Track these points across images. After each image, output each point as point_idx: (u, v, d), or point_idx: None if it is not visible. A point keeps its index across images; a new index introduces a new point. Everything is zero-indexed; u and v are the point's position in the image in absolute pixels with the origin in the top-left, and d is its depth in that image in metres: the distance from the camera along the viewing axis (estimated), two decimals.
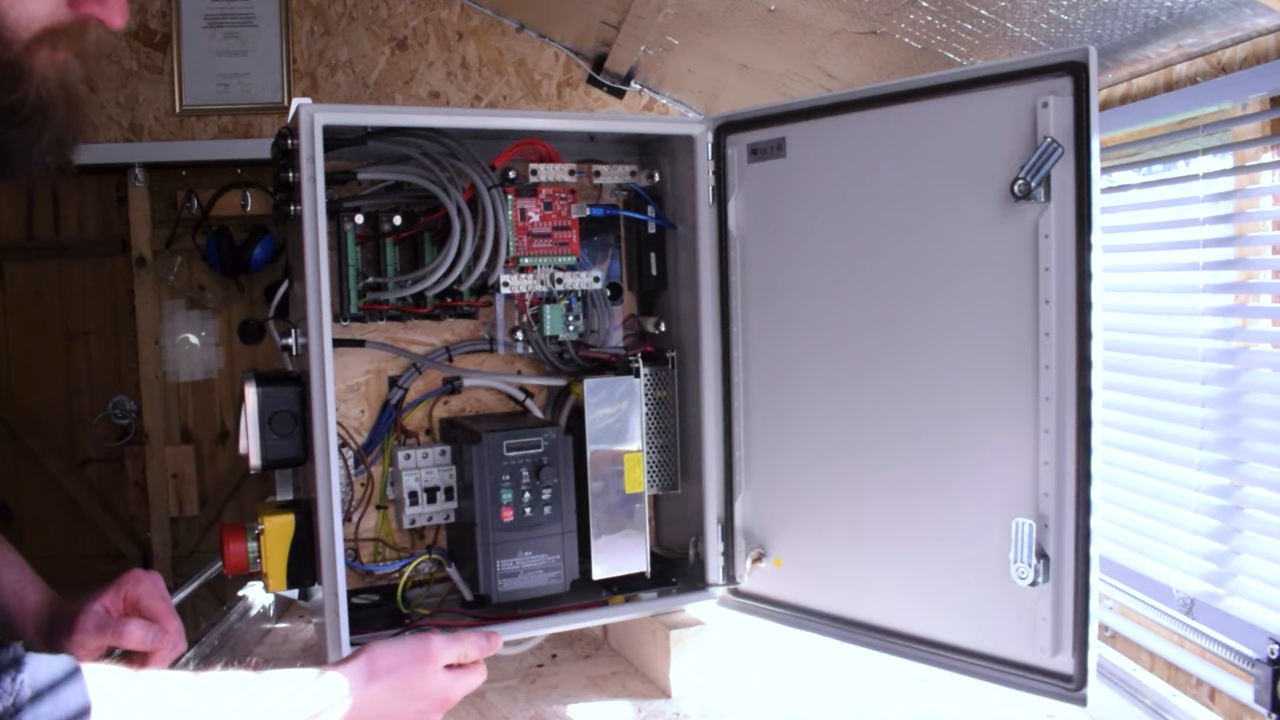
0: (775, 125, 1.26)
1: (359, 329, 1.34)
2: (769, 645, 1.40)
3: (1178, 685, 1.22)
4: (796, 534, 1.28)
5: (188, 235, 2.77)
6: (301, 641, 1.47)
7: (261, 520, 1.17)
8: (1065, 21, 1.31)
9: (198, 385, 2.89)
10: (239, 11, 2.68)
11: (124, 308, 2.82)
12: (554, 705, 1.25)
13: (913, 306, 1.14)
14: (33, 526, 2.84)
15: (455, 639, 1.01)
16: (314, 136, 1.08)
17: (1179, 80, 1.31)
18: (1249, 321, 1.29)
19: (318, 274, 1.08)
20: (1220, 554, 1.30)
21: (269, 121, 2.70)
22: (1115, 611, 1.43)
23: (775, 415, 1.29)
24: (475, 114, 1.22)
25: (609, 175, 1.38)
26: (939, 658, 1.13)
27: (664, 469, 1.39)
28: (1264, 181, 1.25)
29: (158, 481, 2.82)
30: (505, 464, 1.25)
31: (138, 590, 1.02)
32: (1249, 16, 1.14)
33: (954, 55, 1.56)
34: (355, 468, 1.33)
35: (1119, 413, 1.48)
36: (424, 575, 1.35)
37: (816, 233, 1.23)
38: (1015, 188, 1.01)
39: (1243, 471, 1.28)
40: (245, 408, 1.17)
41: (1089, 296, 0.98)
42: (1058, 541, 1.02)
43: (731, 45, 2.08)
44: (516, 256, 1.31)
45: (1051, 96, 1.00)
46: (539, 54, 2.75)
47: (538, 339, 1.34)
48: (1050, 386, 1.02)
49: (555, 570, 1.28)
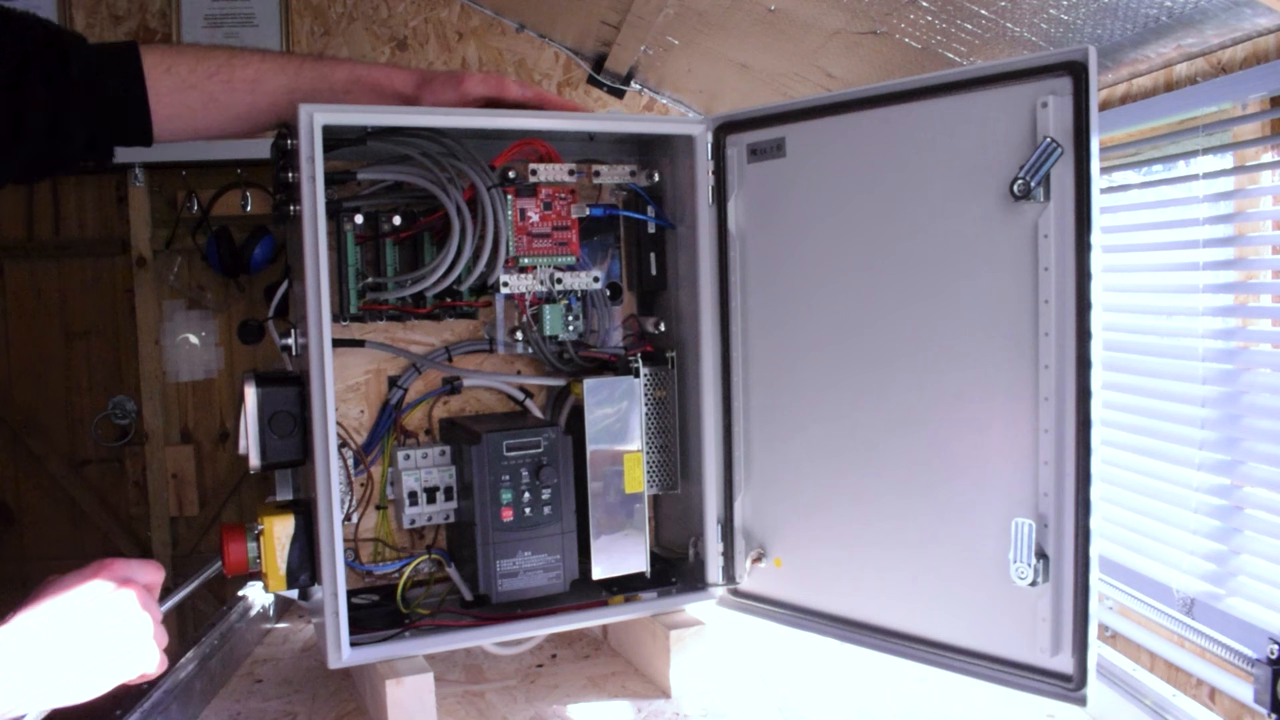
0: (775, 125, 1.26)
1: (359, 329, 1.34)
2: (769, 645, 1.40)
3: (1178, 685, 1.22)
4: (796, 534, 1.28)
5: (188, 235, 2.77)
6: (301, 641, 1.47)
7: (261, 520, 1.17)
8: (1065, 21, 1.31)
9: (198, 385, 2.89)
10: (239, 11, 2.68)
11: (124, 308, 2.82)
12: (554, 705, 1.25)
13: (912, 306, 1.14)
14: (33, 526, 2.84)
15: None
16: (313, 136, 1.08)
17: (1179, 80, 1.31)
18: (1249, 321, 1.29)
19: (317, 274, 1.08)
20: (1220, 554, 1.30)
21: None
22: (1115, 611, 1.43)
23: (775, 415, 1.29)
24: (475, 114, 1.22)
25: (609, 175, 1.38)
26: (939, 658, 1.14)
27: (664, 469, 1.39)
28: (1264, 181, 1.25)
29: (158, 481, 2.82)
30: (505, 464, 1.25)
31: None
32: (1249, 16, 1.14)
33: (954, 55, 1.56)
34: (355, 468, 1.33)
35: (1119, 413, 1.47)
36: (424, 575, 1.35)
37: (816, 233, 1.23)
38: (1015, 188, 1.01)
39: (1243, 471, 1.28)
40: (245, 408, 1.17)
41: (1089, 296, 0.98)
42: (1057, 541, 1.02)
43: (731, 45, 2.08)
44: (516, 256, 1.31)
45: (1051, 96, 1.00)
46: (539, 54, 2.75)
47: (537, 339, 1.34)
48: (1050, 386, 1.02)
49: (555, 570, 1.28)
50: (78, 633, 0.81)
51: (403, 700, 1.13)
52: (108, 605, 0.84)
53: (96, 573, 0.85)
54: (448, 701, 1.26)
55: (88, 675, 0.82)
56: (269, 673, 1.36)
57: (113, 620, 0.83)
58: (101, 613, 0.83)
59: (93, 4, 2.64)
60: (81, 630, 0.82)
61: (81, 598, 0.83)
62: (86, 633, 0.82)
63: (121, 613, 0.84)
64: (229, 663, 1.36)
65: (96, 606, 0.83)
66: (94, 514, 2.86)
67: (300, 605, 1.45)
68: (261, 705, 1.26)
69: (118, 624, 0.84)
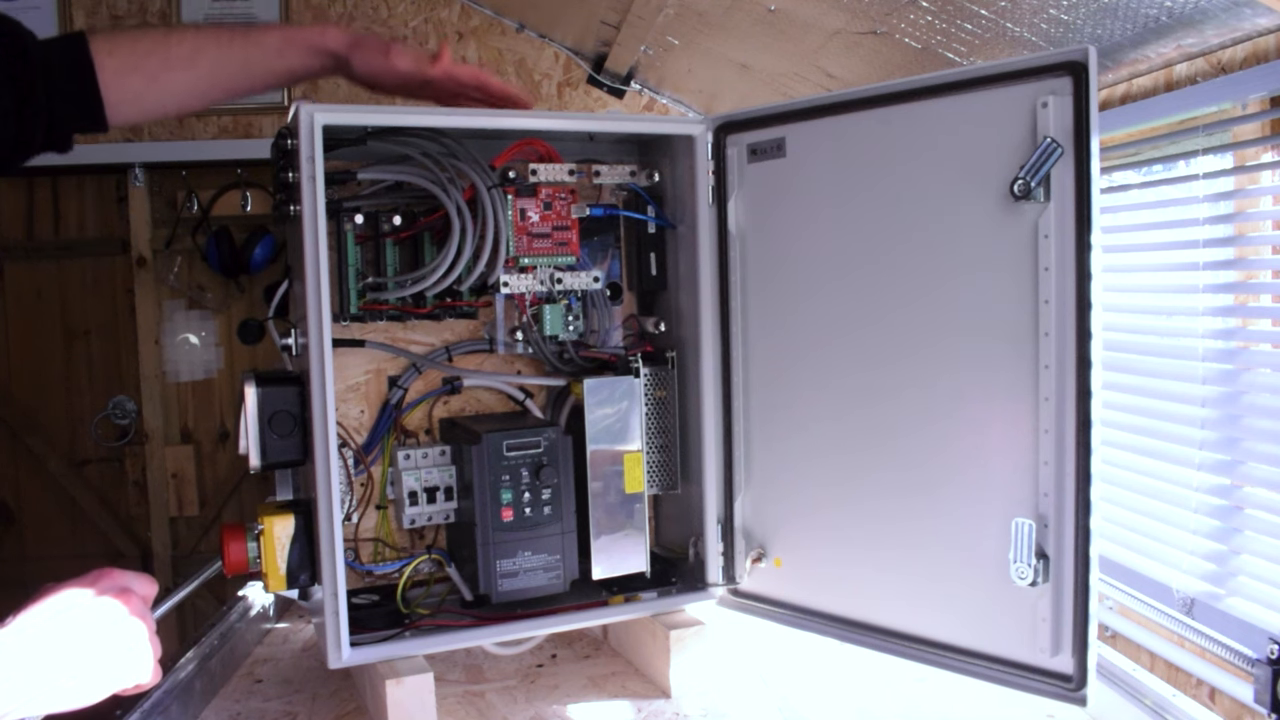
0: (775, 125, 1.26)
1: (359, 329, 1.34)
2: (769, 645, 1.40)
3: (1178, 685, 1.22)
4: (796, 534, 1.28)
5: (188, 235, 2.77)
6: (301, 641, 1.47)
7: (261, 520, 1.17)
8: (1065, 21, 1.31)
9: (198, 385, 2.89)
10: (239, 11, 2.68)
11: (124, 308, 2.82)
12: (554, 705, 1.25)
13: (913, 306, 1.14)
14: (33, 526, 2.84)
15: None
16: (314, 136, 1.08)
17: (1179, 80, 1.31)
18: (1249, 321, 1.29)
19: (317, 274, 1.08)
20: (1220, 554, 1.30)
21: (269, 121, 2.70)
22: (1115, 611, 1.42)
23: (775, 415, 1.29)
24: (475, 114, 1.22)
25: (609, 175, 1.38)
26: (939, 658, 1.14)
27: (664, 469, 1.39)
28: (1264, 181, 1.25)
29: (158, 481, 2.82)
30: (505, 464, 1.25)
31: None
32: (1249, 16, 1.14)
33: (954, 55, 1.56)
34: (355, 468, 1.33)
35: (1119, 413, 1.47)
36: (424, 575, 1.35)
37: (816, 233, 1.23)
38: (1015, 188, 1.01)
39: (1243, 471, 1.28)
40: (245, 408, 1.17)
41: (1089, 296, 0.98)
42: (1057, 541, 1.02)
43: (731, 45, 2.08)
44: (516, 256, 1.31)
45: (1051, 96, 1.00)
46: (539, 54, 2.75)
47: (537, 339, 1.34)
48: (1050, 386, 1.02)
49: (555, 570, 1.28)
50: (73, 637, 0.81)
51: (403, 700, 1.13)
52: (103, 611, 0.84)
53: (94, 581, 0.86)
54: (448, 701, 1.26)
55: (82, 681, 0.82)
56: (269, 673, 1.36)
57: (107, 626, 0.83)
58: (97, 618, 0.83)
59: (93, 4, 2.64)
60: (77, 635, 0.82)
61: (78, 603, 0.83)
62: (82, 638, 0.82)
63: (116, 619, 0.84)
64: (229, 663, 1.36)
65: (92, 612, 0.83)
66: (94, 514, 2.86)
67: (300, 605, 1.45)
68: (261, 705, 1.26)
69: (112, 630, 0.84)
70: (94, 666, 0.82)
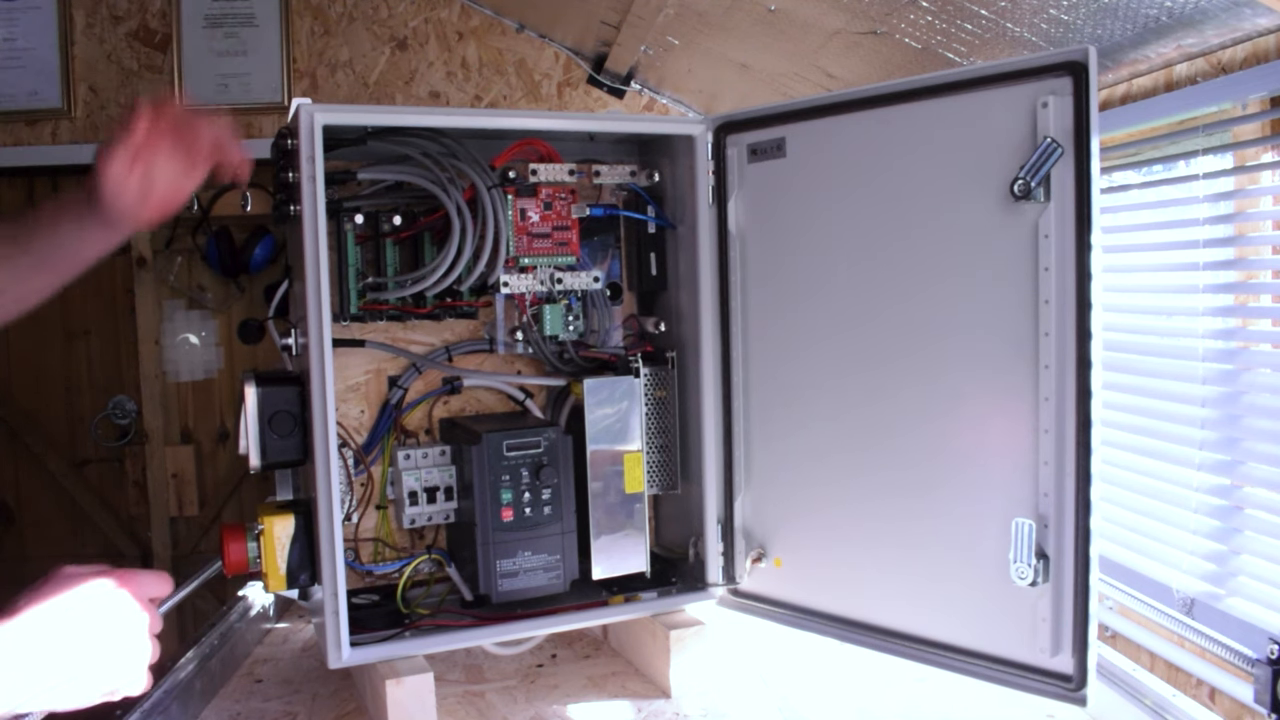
0: (775, 125, 1.26)
1: (359, 329, 1.34)
2: (769, 645, 1.40)
3: (1178, 685, 1.22)
4: (796, 534, 1.28)
5: (188, 235, 2.77)
6: (301, 641, 1.47)
7: (261, 520, 1.17)
8: (1065, 21, 1.31)
9: (198, 385, 2.89)
10: (239, 11, 2.68)
11: (124, 308, 2.82)
12: (554, 705, 1.25)
13: (913, 306, 1.14)
14: (33, 526, 2.84)
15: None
16: (314, 136, 1.08)
17: (1179, 80, 1.31)
18: (1249, 321, 1.29)
19: (318, 274, 1.08)
20: (1220, 554, 1.30)
21: (269, 121, 2.70)
22: (1115, 611, 1.42)
23: (775, 415, 1.29)
24: (475, 114, 1.22)
25: (609, 175, 1.38)
26: (939, 658, 1.14)
27: (664, 469, 1.39)
28: (1264, 181, 1.25)
29: (158, 481, 2.82)
30: (505, 464, 1.25)
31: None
32: (1249, 16, 1.14)
33: (954, 55, 1.56)
34: (355, 468, 1.33)
35: (1119, 413, 1.47)
36: (424, 575, 1.35)
37: (816, 233, 1.23)
38: (1015, 188, 1.01)
39: (1243, 471, 1.28)
40: (245, 408, 1.17)
41: (1089, 296, 0.98)
42: (1057, 541, 1.02)
43: (731, 45, 2.08)
44: (516, 256, 1.31)
45: (1051, 96, 1.00)
46: (539, 54, 2.75)
47: (537, 339, 1.34)
48: (1050, 386, 1.02)
49: (555, 570, 1.28)
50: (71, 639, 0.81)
51: (403, 700, 1.13)
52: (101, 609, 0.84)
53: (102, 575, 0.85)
54: (448, 701, 1.26)
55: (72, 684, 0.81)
56: (269, 673, 1.36)
57: (106, 632, 0.83)
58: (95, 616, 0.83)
59: (93, 4, 2.63)
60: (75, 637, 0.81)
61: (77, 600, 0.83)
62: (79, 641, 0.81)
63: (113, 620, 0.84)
64: (229, 663, 1.36)
65: (90, 609, 0.83)
66: (94, 514, 2.86)
67: (300, 605, 1.45)
68: (261, 705, 1.26)
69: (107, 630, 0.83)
70: (86, 671, 0.82)
